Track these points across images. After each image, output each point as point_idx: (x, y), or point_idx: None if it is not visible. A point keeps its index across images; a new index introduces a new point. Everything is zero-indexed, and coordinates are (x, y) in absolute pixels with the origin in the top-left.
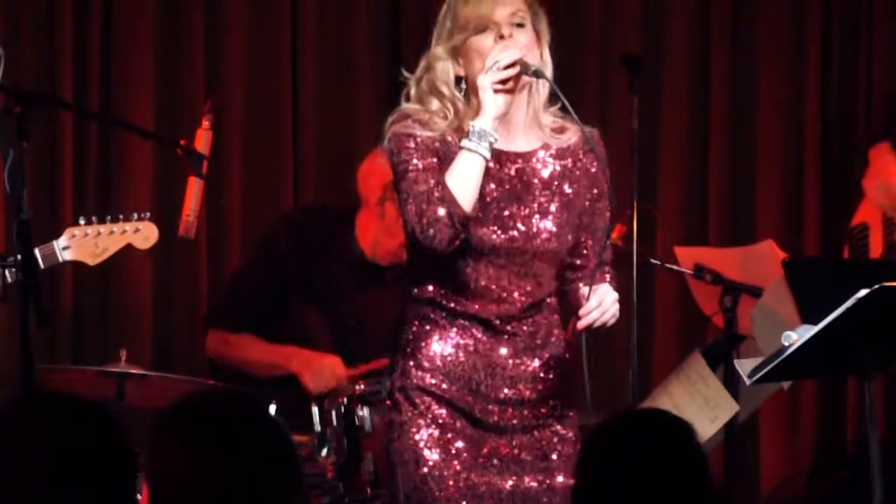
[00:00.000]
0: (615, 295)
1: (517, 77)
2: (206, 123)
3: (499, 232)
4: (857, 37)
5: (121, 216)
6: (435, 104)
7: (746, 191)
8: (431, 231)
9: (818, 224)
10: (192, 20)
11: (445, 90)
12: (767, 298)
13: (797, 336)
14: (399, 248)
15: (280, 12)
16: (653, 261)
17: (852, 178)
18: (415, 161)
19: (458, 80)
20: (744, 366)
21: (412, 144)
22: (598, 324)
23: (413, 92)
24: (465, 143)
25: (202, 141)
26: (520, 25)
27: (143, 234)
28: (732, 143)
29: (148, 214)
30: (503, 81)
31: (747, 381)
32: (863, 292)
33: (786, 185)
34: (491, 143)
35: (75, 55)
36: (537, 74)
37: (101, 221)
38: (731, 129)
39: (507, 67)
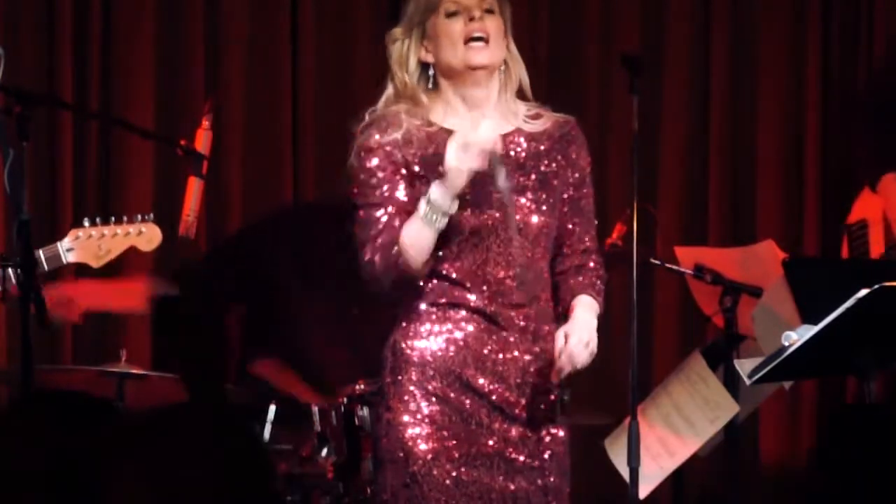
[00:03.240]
0: (586, 334)
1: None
2: (206, 123)
3: (477, 212)
4: (857, 37)
5: (124, 217)
6: (401, 104)
7: (746, 191)
8: (378, 287)
9: (818, 224)
10: (192, 20)
11: (397, 71)
12: (767, 298)
13: (797, 336)
14: None
15: (280, 13)
16: (653, 261)
17: (851, 178)
18: (369, 192)
19: (426, 66)
20: (744, 366)
21: (372, 164)
22: (569, 369)
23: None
24: (423, 211)
25: (202, 141)
26: (489, 11)
27: (146, 236)
28: (732, 143)
29: (151, 216)
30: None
31: (747, 381)
32: (863, 292)
33: (786, 185)
34: (449, 214)
35: (75, 55)
36: (495, 165)
37: (105, 223)
38: (731, 129)
39: (483, 139)
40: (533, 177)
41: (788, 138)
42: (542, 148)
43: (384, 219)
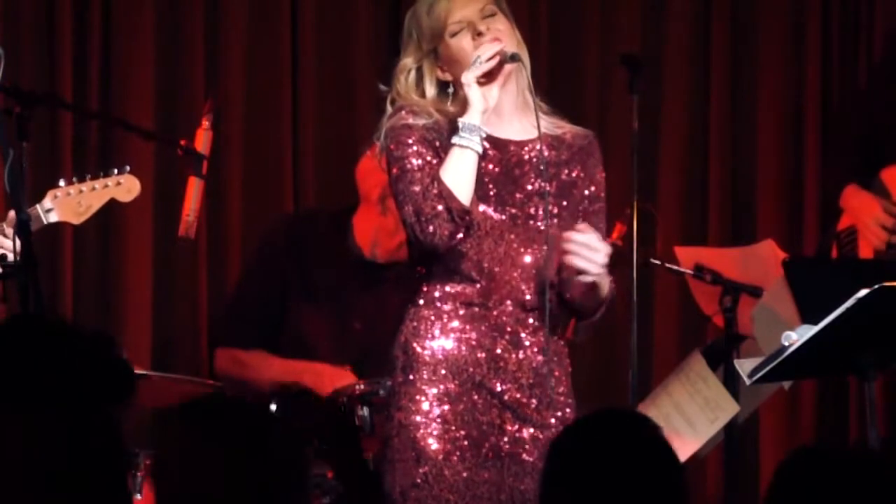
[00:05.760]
0: (608, 249)
1: (499, 67)
2: (206, 123)
3: (500, 209)
4: (857, 37)
5: (101, 172)
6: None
7: (746, 191)
8: (431, 227)
9: (818, 224)
10: (192, 20)
11: (408, 97)
12: (767, 298)
13: (797, 336)
14: (398, 246)
15: (280, 12)
16: (653, 261)
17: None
18: (411, 160)
19: (446, 84)
20: (744, 366)
21: (408, 139)
22: (577, 259)
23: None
24: (455, 139)
25: (202, 141)
26: (491, 16)
27: (125, 186)
28: (732, 143)
29: (128, 168)
30: (486, 74)
31: (747, 381)
32: (863, 292)
33: (786, 185)
34: (481, 137)
35: (75, 55)
36: (514, 59)
37: (82, 180)
38: (731, 128)
39: (488, 60)
40: (555, 183)
41: (788, 138)
42: (563, 157)
43: (426, 178)
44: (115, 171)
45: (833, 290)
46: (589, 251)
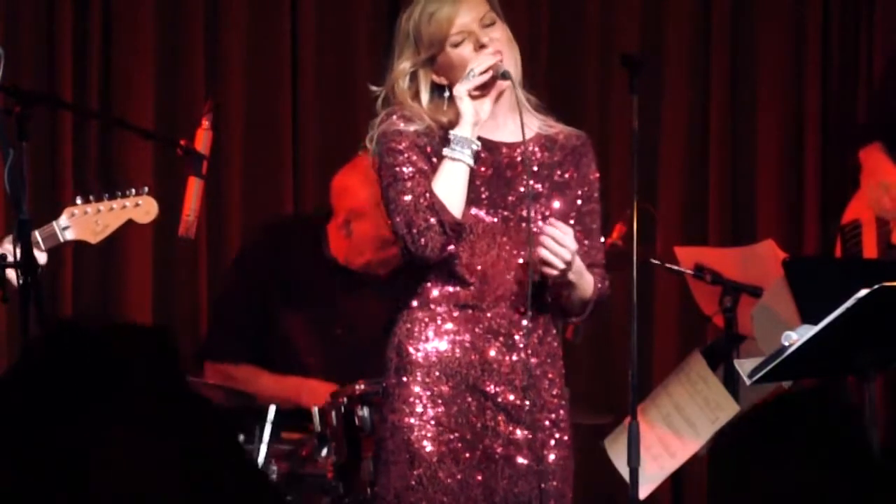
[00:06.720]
0: (575, 247)
1: (492, 81)
2: (206, 123)
3: (492, 211)
4: (857, 36)
5: (118, 192)
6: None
7: (746, 191)
8: (423, 240)
9: (818, 224)
10: (192, 20)
11: (411, 103)
12: (767, 298)
13: (797, 336)
14: (366, 264)
15: (280, 12)
16: (653, 261)
17: (850, 177)
18: (402, 167)
19: (441, 88)
20: (744, 366)
21: (399, 146)
22: (543, 251)
23: (385, 101)
24: (447, 151)
25: (202, 141)
26: (490, 24)
27: (143, 208)
28: (732, 143)
29: (146, 189)
30: (479, 88)
31: (747, 382)
32: (863, 292)
33: (786, 185)
34: (473, 150)
35: (75, 55)
36: (504, 77)
37: (99, 199)
38: (731, 129)
39: (481, 74)
40: (548, 184)
41: (789, 138)
42: (555, 158)
43: (417, 188)
44: (133, 191)
45: (833, 290)
46: (556, 245)
